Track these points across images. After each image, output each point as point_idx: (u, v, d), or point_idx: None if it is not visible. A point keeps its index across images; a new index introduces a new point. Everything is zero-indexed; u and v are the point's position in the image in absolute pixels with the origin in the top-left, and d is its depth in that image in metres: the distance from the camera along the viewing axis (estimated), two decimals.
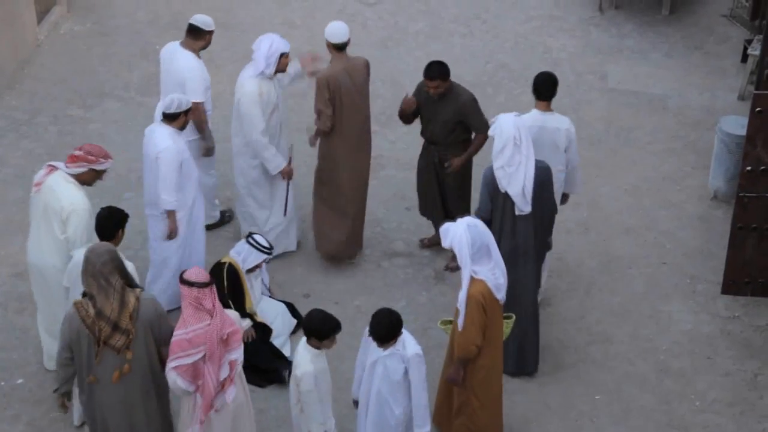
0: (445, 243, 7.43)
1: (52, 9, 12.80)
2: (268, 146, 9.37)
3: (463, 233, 7.34)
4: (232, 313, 7.44)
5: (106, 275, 6.88)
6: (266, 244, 8.85)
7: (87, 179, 8.13)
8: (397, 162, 10.98)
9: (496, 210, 8.42)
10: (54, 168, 8.11)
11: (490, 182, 8.40)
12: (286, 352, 8.93)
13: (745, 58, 12.18)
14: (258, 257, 8.84)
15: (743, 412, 8.58)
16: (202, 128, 9.60)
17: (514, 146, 8.25)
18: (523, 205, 8.32)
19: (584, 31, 13.06)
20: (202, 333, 6.87)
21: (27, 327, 9.01)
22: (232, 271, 8.77)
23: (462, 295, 7.44)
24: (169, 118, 8.83)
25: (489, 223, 8.25)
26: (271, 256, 8.97)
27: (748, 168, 9.07)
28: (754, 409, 8.60)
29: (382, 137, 11.27)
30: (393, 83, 12.01)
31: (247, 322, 8.82)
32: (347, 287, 9.59)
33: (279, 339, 8.99)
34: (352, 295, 9.52)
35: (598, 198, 10.61)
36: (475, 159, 9.66)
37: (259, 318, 8.93)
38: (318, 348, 7.37)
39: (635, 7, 13.47)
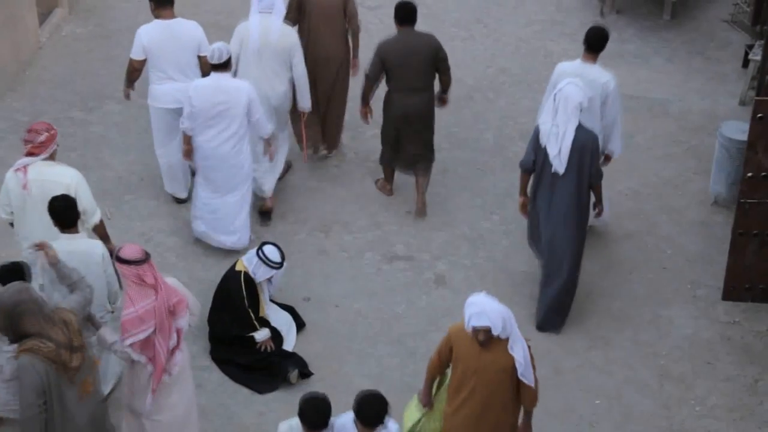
0: (483, 321, 6.92)
1: (53, 11, 12.79)
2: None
3: (499, 305, 7.01)
4: (172, 281, 7.39)
5: (41, 306, 6.76)
6: (277, 259, 8.80)
7: (54, 154, 8.27)
8: None
9: (538, 163, 8.91)
10: (26, 166, 8.12)
11: (536, 136, 8.88)
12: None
13: (746, 63, 12.18)
14: (267, 272, 8.81)
15: (743, 417, 8.58)
16: None
17: (562, 108, 8.68)
18: (558, 165, 8.73)
19: None
20: (151, 308, 7.00)
21: None
22: (249, 279, 8.77)
23: (522, 354, 7.11)
24: (220, 67, 9.29)
25: (529, 173, 8.96)
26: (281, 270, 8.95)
27: (749, 174, 9.07)
28: (753, 414, 8.60)
29: None
30: None
31: (266, 332, 8.83)
32: (347, 290, 9.59)
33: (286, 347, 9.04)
34: (352, 299, 9.52)
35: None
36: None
37: (272, 324, 8.96)
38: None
39: (636, 11, 13.47)
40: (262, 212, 10.21)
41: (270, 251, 8.78)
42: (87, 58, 12.28)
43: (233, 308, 8.78)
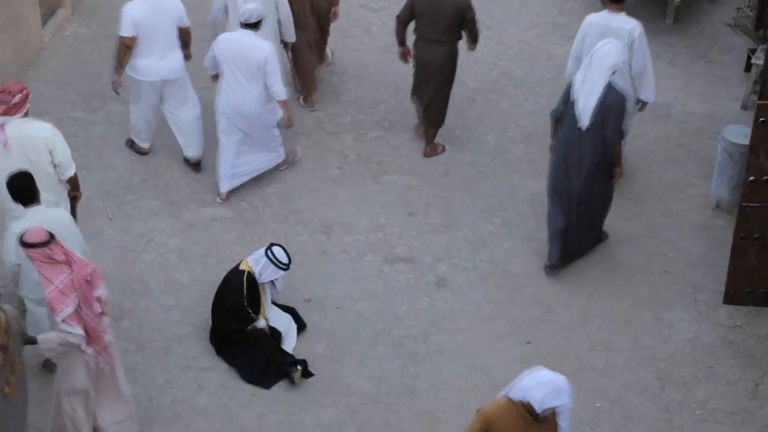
0: (562, 399, 6.66)
1: (56, 11, 12.80)
2: None
3: (562, 376, 6.74)
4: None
5: None
6: (285, 260, 8.84)
7: (28, 113, 8.64)
8: (400, 167, 10.98)
9: (566, 116, 9.25)
10: (2, 124, 8.47)
11: (568, 89, 9.24)
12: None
13: (748, 67, 12.17)
14: (275, 273, 8.85)
15: (744, 421, 8.57)
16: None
17: (597, 64, 9.02)
18: (582, 119, 9.06)
19: None
20: (69, 282, 7.21)
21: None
22: (251, 281, 8.79)
23: (567, 421, 6.87)
24: (249, 26, 9.92)
25: (558, 121, 9.35)
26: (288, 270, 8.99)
27: (751, 178, 9.06)
28: (754, 418, 8.60)
29: (385, 143, 11.28)
30: (396, 88, 12.01)
31: (263, 322, 8.89)
32: (348, 292, 9.59)
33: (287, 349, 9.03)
34: (353, 300, 9.51)
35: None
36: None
37: (273, 325, 8.98)
38: None
39: (639, 15, 13.41)
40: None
41: (278, 252, 8.83)
42: (90, 58, 12.29)
43: (232, 306, 8.79)
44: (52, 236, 7.26)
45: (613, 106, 9.07)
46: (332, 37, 12.07)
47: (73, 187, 8.84)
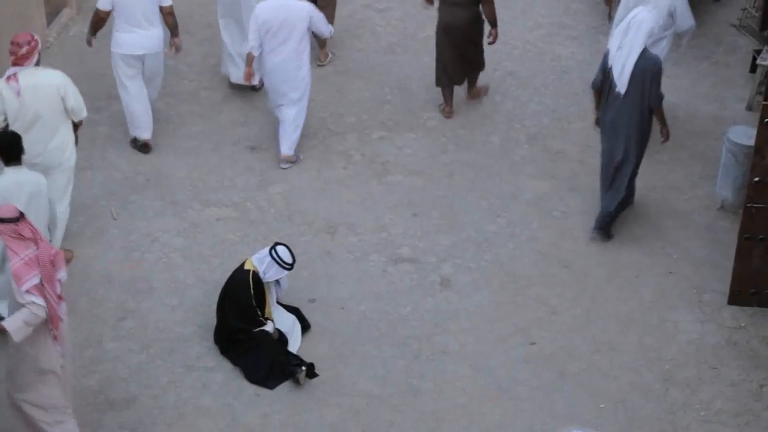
0: None
1: (61, 11, 12.81)
2: None
3: None
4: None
5: None
6: (289, 260, 8.85)
7: (39, 63, 9.18)
8: (404, 168, 10.98)
9: (605, 82, 9.66)
10: (15, 74, 9.00)
11: (606, 57, 9.67)
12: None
13: (753, 68, 12.16)
14: (278, 273, 8.86)
15: (748, 422, 8.56)
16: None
17: (633, 31, 9.42)
18: (620, 86, 9.48)
19: (593, 39, 13.06)
20: (34, 257, 7.40)
21: None
22: (257, 280, 8.79)
23: None
24: None
25: (599, 92, 9.76)
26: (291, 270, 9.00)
27: (756, 179, 9.05)
28: (759, 419, 8.58)
29: (389, 143, 11.27)
30: (401, 89, 12.02)
31: (271, 325, 8.90)
32: (352, 292, 9.58)
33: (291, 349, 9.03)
34: (357, 301, 9.51)
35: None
36: None
37: (276, 325, 8.98)
38: None
39: None
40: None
41: (283, 252, 8.84)
42: (94, 58, 12.29)
43: (239, 306, 8.80)
44: (22, 214, 7.48)
45: (648, 70, 9.46)
46: (337, 37, 12.07)
47: (79, 124, 9.44)
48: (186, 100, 11.66)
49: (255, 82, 11.11)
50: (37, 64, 9.12)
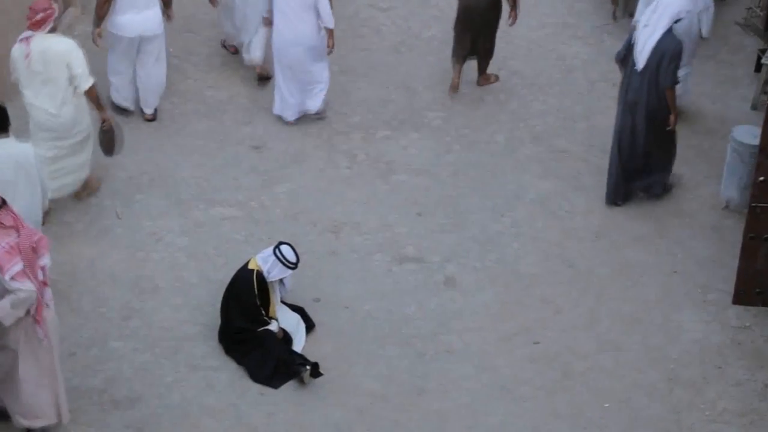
0: None
1: (66, 10, 12.80)
2: None
3: None
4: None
5: None
6: (293, 259, 8.85)
7: (54, 30, 9.52)
8: (409, 167, 10.97)
9: (628, 57, 9.98)
10: (28, 38, 9.38)
11: (632, 32, 10.04)
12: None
13: (758, 67, 12.14)
14: (283, 272, 8.87)
15: (753, 422, 8.56)
16: None
17: (661, 10, 9.76)
18: (638, 61, 9.81)
19: (598, 38, 13.05)
20: (15, 245, 7.49)
21: None
22: (261, 279, 8.80)
23: None
24: None
25: (623, 64, 10.06)
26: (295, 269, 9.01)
27: (761, 178, 9.04)
28: (764, 419, 8.58)
29: (394, 142, 11.27)
30: (406, 88, 12.02)
31: (275, 325, 8.90)
32: (357, 292, 9.59)
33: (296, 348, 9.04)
34: (362, 300, 9.51)
35: (609, 206, 10.59)
36: None
37: (281, 324, 8.98)
38: None
39: None
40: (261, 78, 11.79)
41: (287, 251, 8.84)
42: (99, 57, 12.25)
43: (243, 305, 8.80)
44: (3, 201, 7.55)
45: (668, 50, 9.73)
46: (341, 36, 12.06)
47: (94, 103, 9.66)
48: (190, 100, 11.67)
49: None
50: (53, 31, 9.48)
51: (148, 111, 11.21)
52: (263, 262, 8.86)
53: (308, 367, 8.68)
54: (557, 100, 11.96)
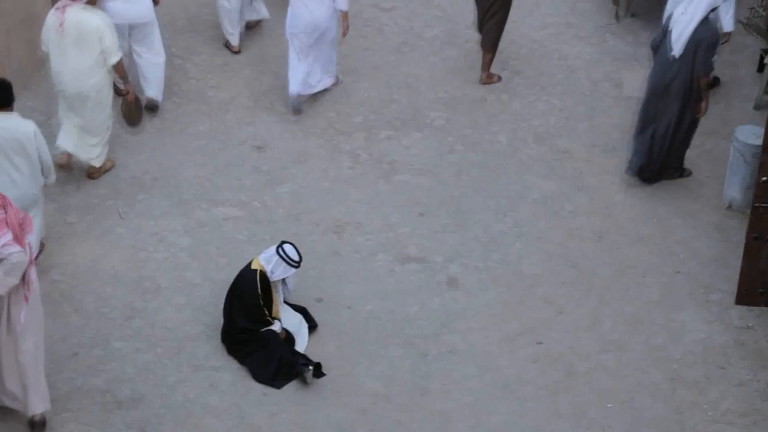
0: None
1: None
2: None
3: None
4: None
5: None
6: (296, 258, 8.86)
7: (92, 3, 9.91)
8: (411, 167, 10.97)
9: (664, 43, 10.22)
10: (64, 6, 9.74)
11: (668, 19, 10.28)
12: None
13: (761, 67, 12.13)
14: (286, 271, 8.87)
15: (756, 422, 8.55)
16: None
17: (696, 2, 9.99)
18: (675, 48, 10.07)
19: (600, 38, 13.04)
20: (3, 219, 7.65)
21: None
22: (264, 279, 8.80)
23: None
24: None
25: (656, 51, 10.36)
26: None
27: (764, 178, 9.04)
28: (767, 419, 8.57)
29: (396, 142, 11.27)
30: (408, 88, 12.01)
31: (278, 325, 8.91)
32: (360, 292, 9.59)
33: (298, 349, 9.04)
34: (364, 300, 9.51)
35: (612, 206, 10.59)
36: None
37: (283, 325, 8.99)
38: None
39: (652, 15, 13.43)
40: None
41: (290, 249, 8.85)
42: None
43: (247, 305, 8.80)
44: None
45: (705, 39, 9.99)
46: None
47: (121, 76, 10.08)
48: (193, 100, 11.67)
49: None
50: (90, 3, 9.84)
51: (149, 94, 11.27)
52: (266, 261, 8.86)
53: (311, 368, 8.68)
54: (560, 100, 11.96)
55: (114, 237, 9.97)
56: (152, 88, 11.22)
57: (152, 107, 11.23)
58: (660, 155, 10.53)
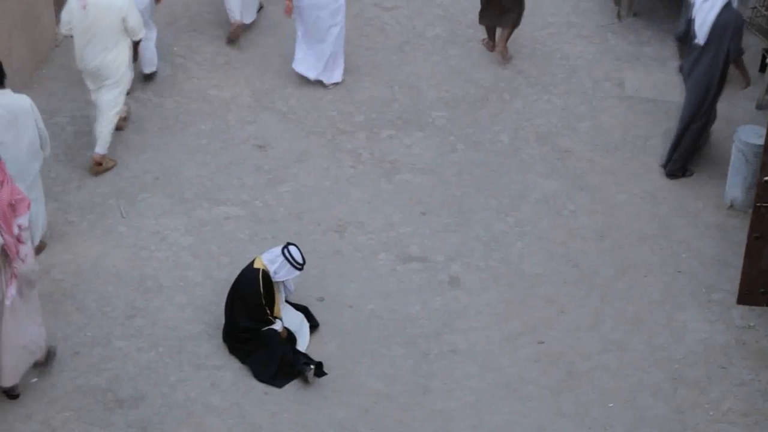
0: None
1: None
2: None
3: None
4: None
5: None
6: (300, 260, 8.86)
7: None
8: (413, 167, 10.97)
9: (688, 32, 10.39)
10: None
11: (691, 8, 10.41)
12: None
13: (763, 67, 12.13)
14: (290, 273, 8.87)
15: (758, 422, 8.55)
16: None
17: None
18: (700, 37, 10.24)
19: (602, 37, 13.04)
20: None
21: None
22: (267, 278, 8.80)
23: None
24: None
25: (682, 41, 10.55)
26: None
27: (766, 178, 9.02)
28: None
29: (398, 142, 11.27)
30: (410, 87, 12.01)
31: (280, 324, 8.92)
32: (361, 291, 9.59)
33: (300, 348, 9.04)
34: (366, 299, 9.51)
35: (614, 205, 10.59)
36: None
37: (285, 324, 8.98)
38: None
39: (654, 14, 13.44)
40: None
41: (295, 252, 8.86)
42: None
43: (249, 304, 8.80)
44: None
45: (730, 23, 10.14)
46: (345, 36, 12.05)
47: (136, 44, 10.48)
48: (195, 99, 11.67)
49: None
50: None
51: (147, 71, 11.60)
52: (270, 262, 8.85)
53: (312, 367, 8.68)
54: (561, 99, 11.95)
55: (115, 236, 9.97)
56: (146, 65, 11.60)
57: (150, 77, 11.69)
58: (682, 149, 10.71)
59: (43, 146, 9.21)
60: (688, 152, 10.78)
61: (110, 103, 10.38)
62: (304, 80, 11.83)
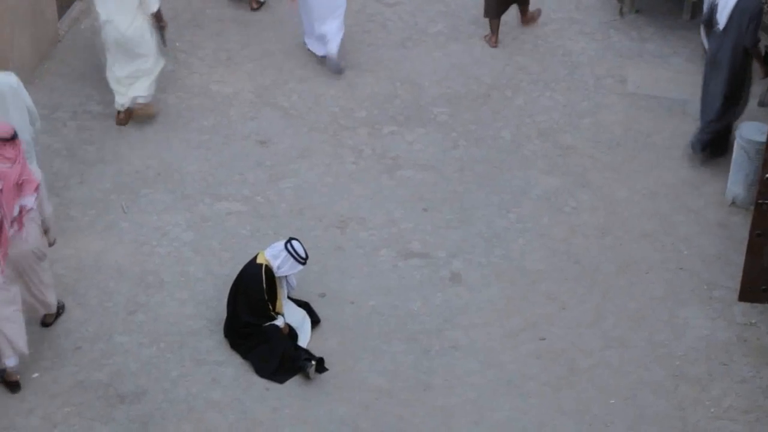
0: None
1: (73, 4, 12.82)
2: None
3: None
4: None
5: None
6: (303, 254, 8.86)
7: None
8: (415, 163, 10.97)
9: (712, 18, 10.46)
10: None
11: None
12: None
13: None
14: (293, 267, 8.87)
15: (759, 419, 8.55)
16: None
17: None
18: (720, 21, 10.36)
19: (604, 34, 13.02)
20: (1, 172, 7.92)
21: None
22: (269, 274, 8.80)
23: None
24: None
25: (707, 26, 10.60)
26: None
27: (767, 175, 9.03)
28: None
29: (400, 138, 11.26)
30: (411, 84, 12.00)
31: (281, 320, 8.92)
32: (363, 287, 9.59)
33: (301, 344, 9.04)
34: (367, 295, 9.51)
35: (615, 202, 10.59)
36: None
37: (287, 320, 8.98)
38: None
39: (656, 11, 13.43)
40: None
41: (298, 246, 8.86)
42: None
43: (251, 300, 8.81)
44: (15, 136, 8.05)
45: (748, 9, 10.26)
46: (347, 31, 12.05)
47: (158, 19, 10.92)
48: (197, 95, 11.67)
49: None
50: None
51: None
52: (273, 257, 8.85)
53: (313, 362, 8.68)
54: (563, 96, 11.94)
55: (117, 231, 9.98)
56: None
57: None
58: (709, 127, 10.74)
59: (32, 122, 9.27)
60: (721, 133, 10.87)
61: (147, 72, 10.95)
62: (306, 76, 11.82)
